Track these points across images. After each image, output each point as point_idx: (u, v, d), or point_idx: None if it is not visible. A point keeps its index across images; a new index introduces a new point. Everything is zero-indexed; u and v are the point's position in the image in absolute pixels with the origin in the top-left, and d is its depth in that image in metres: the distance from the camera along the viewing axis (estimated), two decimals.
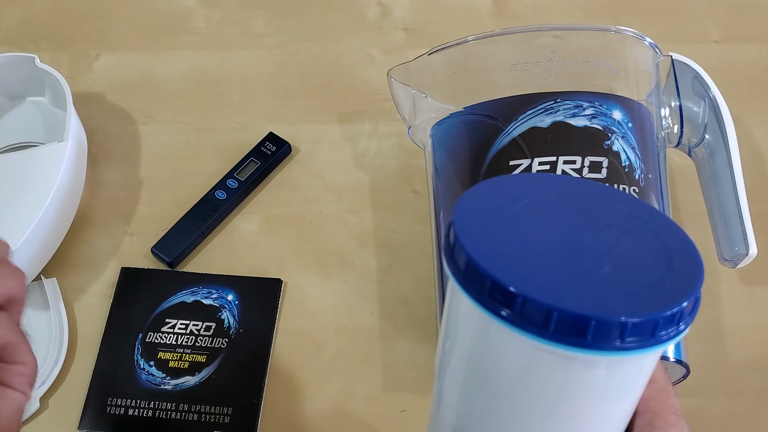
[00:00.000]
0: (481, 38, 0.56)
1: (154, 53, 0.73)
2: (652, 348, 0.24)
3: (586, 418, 0.27)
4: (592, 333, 0.23)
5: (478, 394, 0.28)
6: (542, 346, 0.24)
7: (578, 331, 0.23)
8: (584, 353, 0.24)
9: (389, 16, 0.75)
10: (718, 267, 0.58)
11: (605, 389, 0.26)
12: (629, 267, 0.26)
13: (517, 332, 0.24)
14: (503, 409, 0.27)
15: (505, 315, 0.24)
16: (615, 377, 0.26)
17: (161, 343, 0.57)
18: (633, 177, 0.50)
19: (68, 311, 0.59)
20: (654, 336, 0.24)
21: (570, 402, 0.26)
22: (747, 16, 0.74)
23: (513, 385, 0.27)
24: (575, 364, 0.25)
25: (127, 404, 0.55)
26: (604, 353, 0.24)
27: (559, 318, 0.23)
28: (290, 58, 0.73)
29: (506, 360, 0.26)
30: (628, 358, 0.25)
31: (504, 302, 0.24)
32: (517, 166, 0.51)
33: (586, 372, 0.25)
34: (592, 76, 0.54)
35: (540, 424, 0.27)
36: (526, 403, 0.27)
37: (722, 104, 0.56)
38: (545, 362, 0.25)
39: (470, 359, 0.28)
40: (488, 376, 0.27)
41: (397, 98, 0.60)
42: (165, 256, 0.61)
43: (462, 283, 0.26)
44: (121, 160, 0.67)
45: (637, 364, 0.26)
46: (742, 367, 0.57)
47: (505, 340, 0.25)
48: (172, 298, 0.59)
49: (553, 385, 0.26)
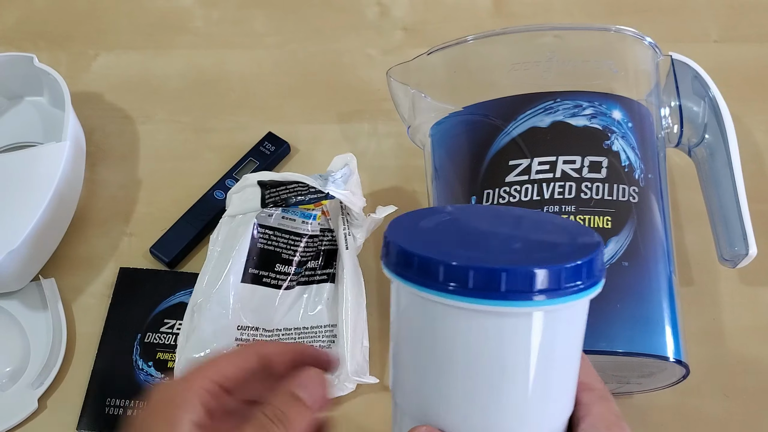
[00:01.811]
0: (480, 38, 0.56)
1: (152, 53, 0.73)
2: (561, 299, 0.27)
3: (517, 372, 0.29)
4: (506, 284, 0.26)
5: (426, 372, 0.30)
6: (467, 305, 0.27)
7: (493, 284, 0.27)
8: (500, 305, 0.27)
9: (388, 15, 0.75)
10: (718, 267, 0.58)
11: (526, 345, 0.28)
12: (537, 244, 0.29)
13: (445, 297, 0.27)
14: (449, 380, 0.29)
15: (433, 285, 0.28)
16: (535, 331, 0.28)
17: (160, 344, 0.57)
18: (633, 177, 0.50)
19: (67, 311, 0.59)
20: (561, 287, 0.27)
21: (506, 359, 0.28)
22: (747, 16, 0.74)
23: (452, 353, 0.29)
24: (499, 320, 0.28)
25: (126, 405, 0.55)
26: (518, 304, 0.27)
27: (476, 275, 0.27)
28: (289, 58, 0.73)
29: (442, 329, 0.29)
30: (545, 309, 0.27)
31: (430, 274, 0.28)
32: (516, 166, 0.51)
33: (509, 326, 0.28)
34: (591, 76, 0.54)
35: (482, 387, 0.29)
36: (466, 368, 0.29)
37: (722, 104, 0.56)
38: (475, 322, 0.28)
39: (415, 343, 0.30)
40: (431, 351, 0.29)
41: (397, 98, 0.60)
42: (163, 257, 0.60)
43: (395, 270, 0.29)
44: (119, 159, 0.67)
45: (555, 317, 0.28)
46: (741, 368, 0.56)
47: (437, 310, 0.28)
48: (170, 299, 0.59)
49: (489, 344, 0.28)
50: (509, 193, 0.50)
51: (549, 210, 0.49)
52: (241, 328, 0.54)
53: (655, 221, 0.50)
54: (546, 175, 0.50)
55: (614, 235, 0.48)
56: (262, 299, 0.56)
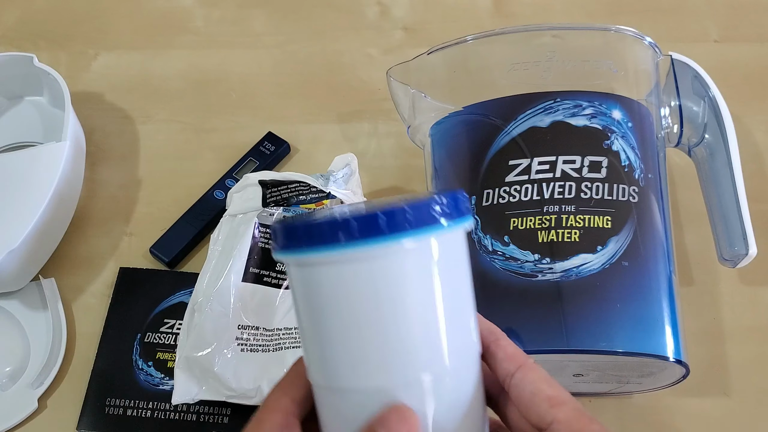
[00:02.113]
0: (480, 38, 0.56)
1: (152, 53, 0.73)
2: (429, 228, 0.30)
3: (400, 313, 0.30)
4: (387, 224, 0.29)
5: (323, 338, 0.31)
6: (361, 252, 0.29)
7: (372, 227, 0.29)
8: (381, 243, 0.29)
9: (388, 15, 0.75)
10: (718, 267, 0.58)
11: (401, 284, 0.30)
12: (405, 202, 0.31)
13: (324, 253, 0.29)
14: (353, 334, 0.30)
15: (311, 244, 0.30)
16: (404, 268, 0.30)
17: (160, 344, 0.57)
18: (633, 177, 0.50)
19: (66, 311, 0.59)
20: (430, 218, 0.30)
21: (397, 297, 0.30)
22: (747, 16, 0.74)
23: (338, 309, 0.30)
24: (375, 262, 0.30)
25: (126, 404, 0.55)
26: (393, 237, 0.29)
27: (358, 223, 0.29)
28: (289, 58, 0.73)
29: (343, 286, 0.30)
30: (406, 244, 0.29)
31: (310, 236, 0.30)
32: (516, 166, 0.51)
33: (385, 266, 0.30)
34: (591, 76, 0.54)
35: (385, 330, 0.30)
36: (356, 318, 0.30)
37: (722, 104, 0.56)
38: (353, 269, 0.30)
39: (307, 314, 0.31)
40: (325, 315, 0.30)
41: (397, 98, 0.60)
42: (163, 256, 0.60)
43: (286, 247, 0.31)
44: (119, 159, 0.67)
45: (423, 250, 0.30)
46: (741, 367, 0.56)
47: (332, 269, 0.30)
48: (170, 299, 0.59)
49: (370, 289, 0.30)
50: (509, 193, 0.50)
51: (549, 209, 0.49)
52: (241, 328, 0.54)
53: (655, 221, 0.50)
54: (546, 174, 0.50)
55: (614, 235, 0.48)
56: (262, 299, 0.56)
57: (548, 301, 0.47)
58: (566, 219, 0.49)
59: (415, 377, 0.30)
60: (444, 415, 0.31)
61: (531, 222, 0.49)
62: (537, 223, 0.49)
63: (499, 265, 0.49)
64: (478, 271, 0.50)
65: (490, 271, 0.49)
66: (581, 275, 0.47)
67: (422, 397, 0.30)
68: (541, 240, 0.48)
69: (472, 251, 0.50)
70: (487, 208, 0.51)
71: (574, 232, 0.48)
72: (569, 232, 0.48)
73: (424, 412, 0.31)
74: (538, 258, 0.48)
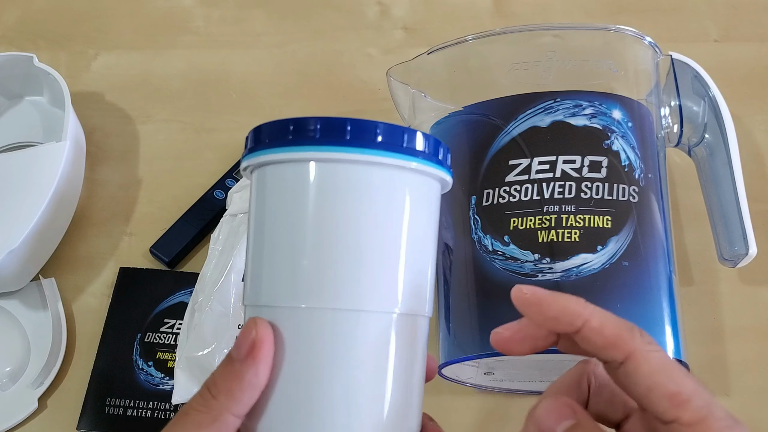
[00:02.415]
0: (480, 37, 0.56)
1: (152, 52, 0.73)
2: (403, 155, 0.30)
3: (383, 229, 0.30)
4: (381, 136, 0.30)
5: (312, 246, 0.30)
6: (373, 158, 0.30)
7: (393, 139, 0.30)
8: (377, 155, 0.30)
9: (388, 15, 0.75)
10: (717, 267, 0.58)
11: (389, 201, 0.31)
12: None
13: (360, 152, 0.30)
14: (349, 241, 0.30)
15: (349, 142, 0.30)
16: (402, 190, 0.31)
17: (160, 343, 0.57)
18: (633, 176, 0.50)
19: (67, 311, 0.59)
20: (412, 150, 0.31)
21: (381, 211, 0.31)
22: (747, 16, 0.74)
23: (357, 210, 0.30)
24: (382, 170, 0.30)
25: (126, 404, 0.55)
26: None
27: (381, 129, 0.30)
28: (289, 58, 0.73)
29: (349, 187, 0.30)
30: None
31: (334, 135, 0.30)
32: (516, 166, 0.51)
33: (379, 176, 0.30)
34: (591, 76, 0.54)
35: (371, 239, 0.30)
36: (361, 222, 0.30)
37: (722, 104, 0.56)
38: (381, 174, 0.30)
39: (291, 219, 0.31)
40: (332, 216, 0.30)
41: (397, 98, 0.60)
42: (164, 256, 0.60)
43: (279, 144, 0.31)
44: (119, 159, 0.67)
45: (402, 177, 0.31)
46: (742, 367, 0.56)
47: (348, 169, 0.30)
48: (170, 298, 0.59)
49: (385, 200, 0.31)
50: (509, 193, 0.50)
51: (549, 209, 0.49)
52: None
53: (655, 221, 0.50)
54: (546, 174, 0.50)
55: (614, 234, 0.48)
56: None
57: None
58: (566, 219, 0.49)
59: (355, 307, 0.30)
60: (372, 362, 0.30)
61: (531, 222, 0.49)
62: (537, 223, 0.49)
63: (499, 265, 0.49)
64: (479, 271, 0.50)
65: (490, 271, 0.49)
66: (581, 275, 0.47)
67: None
68: (541, 240, 0.48)
69: (473, 252, 0.50)
70: (487, 208, 0.51)
71: (574, 232, 0.48)
72: (569, 232, 0.48)
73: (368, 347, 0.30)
74: (538, 258, 0.48)
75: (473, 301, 0.50)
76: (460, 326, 0.50)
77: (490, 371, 0.51)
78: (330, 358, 0.30)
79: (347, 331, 0.30)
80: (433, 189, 0.33)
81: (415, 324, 0.32)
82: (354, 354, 0.30)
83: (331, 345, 0.30)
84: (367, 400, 0.30)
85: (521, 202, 0.50)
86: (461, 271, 0.51)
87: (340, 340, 0.30)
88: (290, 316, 0.30)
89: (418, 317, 0.32)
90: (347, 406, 0.30)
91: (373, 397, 0.30)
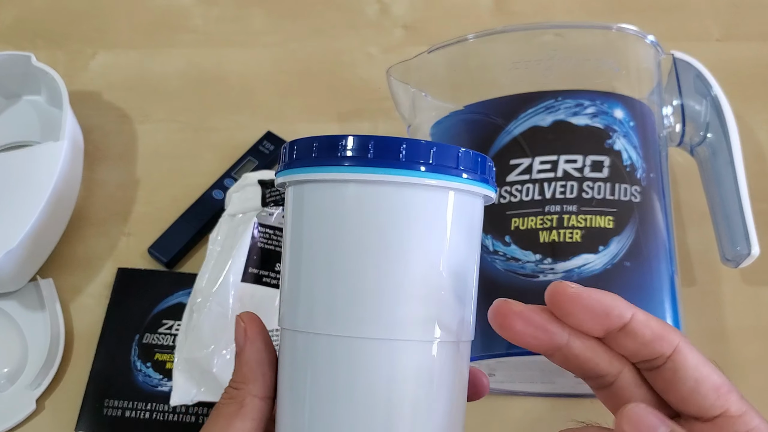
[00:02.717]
0: (481, 36, 0.56)
1: (151, 51, 0.73)
2: (440, 175, 0.29)
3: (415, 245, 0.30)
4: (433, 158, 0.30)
5: (346, 257, 0.29)
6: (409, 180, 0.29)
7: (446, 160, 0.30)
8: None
9: (388, 13, 0.75)
10: (720, 267, 0.58)
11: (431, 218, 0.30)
12: None
13: (383, 173, 0.29)
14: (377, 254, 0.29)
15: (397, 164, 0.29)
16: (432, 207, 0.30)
17: (158, 345, 0.57)
18: (635, 176, 0.50)
19: (64, 312, 0.59)
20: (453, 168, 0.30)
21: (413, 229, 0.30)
22: (749, 14, 0.74)
23: (386, 228, 0.29)
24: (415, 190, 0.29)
25: (124, 406, 0.54)
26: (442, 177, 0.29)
27: (436, 151, 0.30)
28: (288, 57, 0.72)
29: (378, 208, 0.29)
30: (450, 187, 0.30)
31: (390, 154, 0.29)
32: (517, 165, 0.50)
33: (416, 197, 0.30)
34: (593, 75, 0.54)
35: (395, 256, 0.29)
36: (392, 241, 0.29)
37: (724, 103, 0.56)
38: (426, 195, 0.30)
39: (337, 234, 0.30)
40: (360, 233, 0.29)
41: (397, 97, 0.60)
42: (162, 257, 0.60)
43: (325, 162, 0.30)
44: (117, 159, 0.66)
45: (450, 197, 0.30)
46: (744, 368, 0.56)
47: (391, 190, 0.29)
48: (168, 299, 0.58)
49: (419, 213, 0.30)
50: (510, 193, 0.50)
51: (550, 209, 0.49)
52: None
53: (657, 221, 0.50)
54: (547, 174, 0.50)
55: (616, 234, 0.48)
56: (262, 299, 0.55)
57: None
58: (568, 219, 0.49)
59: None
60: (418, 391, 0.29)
61: (532, 222, 0.49)
62: (538, 223, 0.49)
63: (500, 266, 0.48)
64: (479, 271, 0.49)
65: (491, 272, 0.49)
66: (583, 275, 0.47)
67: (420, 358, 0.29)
68: (542, 240, 0.48)
69: None
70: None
71: (575, 232, 0.48)
72: (571, 232, 0.48)
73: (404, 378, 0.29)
74: (539, 258, 0.48)
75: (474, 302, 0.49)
76: None
77: (491, 372, 0.51)
78: (370, 389, 0.29)
79: (388, 361, 0.29)
80: (476, 207, 0.32)
81: (457, 351, 0.31)
82: (394, 384, 0.29)
83: (372, 375, 0.29)
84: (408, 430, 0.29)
85: (522, 202, 0.49)
86: None
87: (381, 370, 0.29)
88: (329, 343, 0.29)
89: (460, 343, 0.31)
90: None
91: (414, 427, 0.29)
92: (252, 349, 0.32)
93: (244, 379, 0.32)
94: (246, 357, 0.32)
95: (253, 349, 0.32)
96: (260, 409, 0.32)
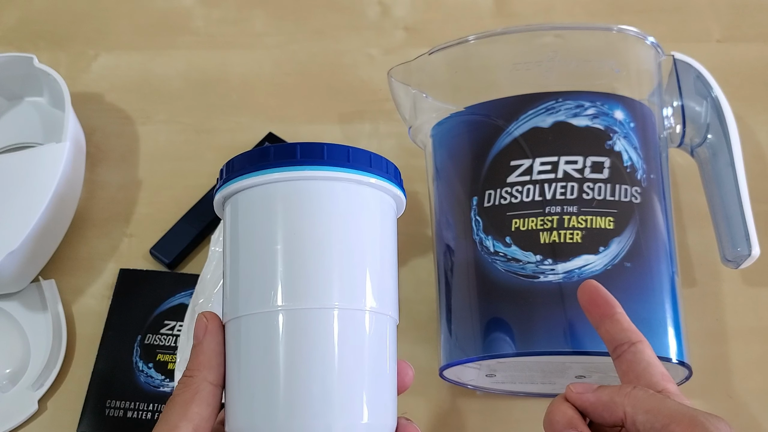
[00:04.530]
0: (482, 38, 0.56)
1: (152, 53, 0.73)
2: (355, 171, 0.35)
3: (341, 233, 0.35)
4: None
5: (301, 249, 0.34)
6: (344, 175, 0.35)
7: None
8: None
9: (389, 15, 0.75)
10: (720, 268, 0.58)
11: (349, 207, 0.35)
12: None
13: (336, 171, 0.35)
14: (326, 248, 0.34)
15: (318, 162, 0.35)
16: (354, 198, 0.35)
17: (160, 345, 0.57)
18: (635, 177, 0.50)
19: (66, 313, 0.59)
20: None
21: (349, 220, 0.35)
22: (750, 16, 0.74)
23: (339, 224, 0.35)
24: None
25: (126, 406, 0.55)
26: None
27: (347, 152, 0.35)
28: (290, 58, 0.72)
29: (324, 202, 0.35)
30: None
31: (313, 155, 0.35)
32: (518, 167, 0.51)
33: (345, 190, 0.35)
34: (593, 76, 0.54)
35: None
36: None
37: (725, 104, 0.56)
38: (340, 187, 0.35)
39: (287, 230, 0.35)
40: (308, 226, 0.34)
41: (398, 98, 0.60)
42: (164, 258, 0.60)
43: (257, 168, 0.35)
44: (119, 160, 0.67)
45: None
46: (744, 369, 0.56)
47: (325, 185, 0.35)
48: (170, 300, 0.59)
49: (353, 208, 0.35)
50: (511, 194, 0.50)
51: (551, 210, 0.49)
52: None
53: (657, 222, 0.50)
54: (548, 175, 0.50)
55: (616, 235, 0.48)
56: None
57: (550, 302, 0.47)
58: (568, 220, 0.49)
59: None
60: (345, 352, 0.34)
61: (533, 223, 0.49)
62: (539, 224, 0.49)
63: (500, 267, 0.49)
64: (480, 272, 0.49)
65: (491, 273, 0.49)
66: (583, 276, 0.47)
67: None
68: (543, 241, 0.48)
69: (474, 253, 0.50)
70: (488, 209, 0.50)
71: (576, 233, 0.48)
72: (571, 233, 0.48)
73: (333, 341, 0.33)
74: (540, 259, 0.48)
75: (475, 303, 0.50)
76: (462, 328, 0.50)
77: (491, 373, 0.51)
78: (305, 353, 0.33)
79: (320, 327, 0.33)
80: (385, 200, 0.37)
81: (384, 324, 0.35)
82: (327, 348, 0.33)
83: (306, 340, 0.33)
84: (340, 387, 0.33)
85: (523, 203, 0.49)
86: (462, 272, 0.51)
87: (314, 335, 0.33)
88: (267, 319, 0.34)
89: (386, 317, 0.35)
90: (322, 394, 0.33)
91: (346, 385, 0.33)
92: (210, 340, 0.35)
93: (199, 366, 0.35)
94: (204, 347, 0.35)
95: (211, 340, 0.35)
96: (215, 394, 0.35)
